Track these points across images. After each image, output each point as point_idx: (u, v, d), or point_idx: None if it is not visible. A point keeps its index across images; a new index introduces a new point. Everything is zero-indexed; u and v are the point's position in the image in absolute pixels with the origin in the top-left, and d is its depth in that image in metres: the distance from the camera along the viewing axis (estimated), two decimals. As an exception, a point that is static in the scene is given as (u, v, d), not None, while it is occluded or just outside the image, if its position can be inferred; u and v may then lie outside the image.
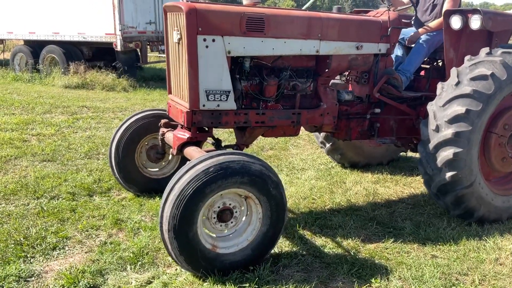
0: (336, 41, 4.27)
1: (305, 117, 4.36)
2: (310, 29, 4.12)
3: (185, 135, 4.07)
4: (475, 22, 4.34)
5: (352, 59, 4.47)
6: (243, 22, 3.81)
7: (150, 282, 3.39)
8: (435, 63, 5.31)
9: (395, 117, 4.96)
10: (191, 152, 3.90)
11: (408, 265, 3.71)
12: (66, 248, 3.85)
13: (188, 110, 3.85)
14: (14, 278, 3.34)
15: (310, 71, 4.43)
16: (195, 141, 4.10)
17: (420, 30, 5.07)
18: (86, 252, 3.80)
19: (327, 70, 4.38)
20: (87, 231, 4.15)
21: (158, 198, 4.85)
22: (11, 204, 4.66)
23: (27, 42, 14.79)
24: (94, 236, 4.09)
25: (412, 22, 5.35)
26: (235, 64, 4.04)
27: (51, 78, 13.30)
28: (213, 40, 3.73)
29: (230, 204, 3.46)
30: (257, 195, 3.42)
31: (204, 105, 3.84)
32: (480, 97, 4.03)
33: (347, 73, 4.99)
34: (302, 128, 4.65)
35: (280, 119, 4.25)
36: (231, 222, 3.50)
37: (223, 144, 4.44)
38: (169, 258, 3.63)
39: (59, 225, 4.22)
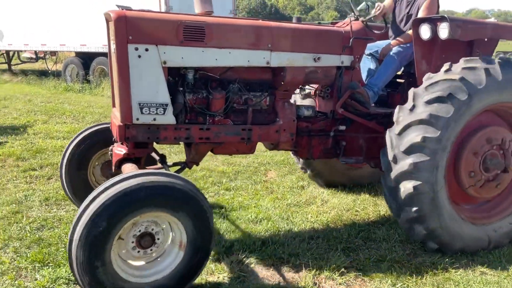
0: (289, 52, 3.96)
1: (257, 134, 4.04)
2: (259, 38, 3.83)
3: (122, 151, 3.82)
4: (443, 31, 3.95)
5: (310, 72, 4.14)
6: (180, 30, 3.55)
7: None
8: (410, 78, 4.91)
9: (364, 135, 4.56)
10: (125, 170, 3.63)
11: (456, 282, 3.60)
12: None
13: (121, 124, 3.59)
14: (64, 280, 3.47)
15: (265, 84, 4.12)
16: (134, 158, 3.84)
17: (393, 42, 4.70)
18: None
19: (282, 83, 4.07)
20: None
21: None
22: (62, 209, 4.89)
23: (78, 54, 15.36)
24: None
25: (389, 34, 5.00)
26: (178, 75, 3.78)
27: (101, 89, 13.77)
28: (146, 50, 3.49)
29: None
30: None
31: (138, 119, 3.58)
32: (437, 122, 3.63)
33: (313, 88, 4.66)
34: None
35: (227, 135, 3.94)
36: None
37: (171, 160, 4.17)
38: (212, 266, 3.71)
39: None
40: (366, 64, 4.88)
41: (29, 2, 15.48)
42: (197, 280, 3.41)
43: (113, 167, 3.89)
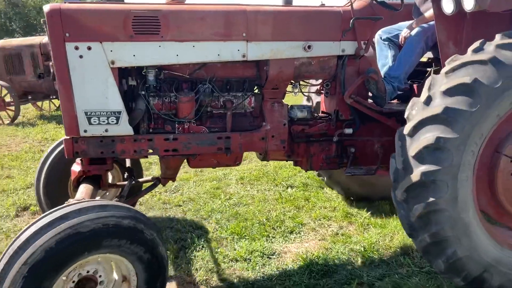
0: (271, 42, 3.23)
1: (238, 143, 3.35)
2: (230, 27, 3.14)
3: (77, 168, 3.30)
4: (468, 2, 3.01)
5: (302, 65, 3.38)
6: (128, 23, 2.96)
7: (381, 279, 3.40)
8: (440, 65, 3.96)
9: (380, 138, 3.70)
10: (77, 194, 3.09)
11: None
12: (302, 233, 4.21)
13: (67, 137, 3.06)
14: (258, 253, 3.77)
15: (248, 82, 3.43)
16: (94, 175, 3.31)
17: (414, 23, 3.78)
18: (319, 240, 4.07)
19: (267, 80, 3.35)
20: (320, 220, 4.49)
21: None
22: (254, 188, 5.44)
23: None
24: (326, 225, 4.37)
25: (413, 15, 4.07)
26: (140, 77, 3.20)
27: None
28: (89, 48, 2.93)
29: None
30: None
31: (86, 131, 3.04)
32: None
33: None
34: None
35: (200, 145, 3.29)
36: None
37: (144, 175, 3.59)
38: (401, 258, 3.71)
39: (295, 211, 4.69)
40: (384, 52, 3.99)
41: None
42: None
43: (72, 186, 3.37)
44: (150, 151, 3.21)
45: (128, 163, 3.99)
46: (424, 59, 3.98)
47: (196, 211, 4.73)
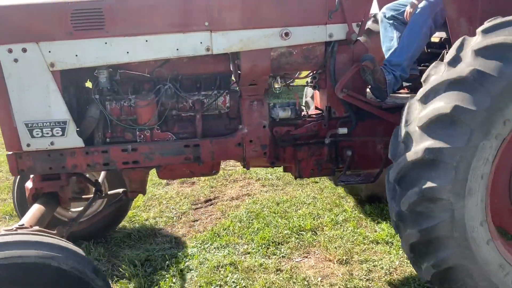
0: (240, 30, 2.72)
1: (209, 151, 2.87)
2: (189, 15, 2.66)
3: (31, 185, 2.94)
4: None
5: (280, 55, 2.84)
6: (66, 18, 2.54)
7: None
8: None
9: (384, 137, 3.11)
10: (27, 215, 2.72)
11: None
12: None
13: (9, 153, 2.70)
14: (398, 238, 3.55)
15: (220, 79, 2.94)
16: (48, 192, 2.94)
17: None
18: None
19: (240, 75, 2.85)
20: None
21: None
22: None
23: None
24: None
25: None
26: (93, 79, 2.79)
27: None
28: (24, 50, 2.54)
29: None
30: None
31: (29, 145, 2.67)
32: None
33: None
34: None
35: (164, 156, 2.85)
36: None
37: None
38: None
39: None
40: (388, 33, 3.40)
41: None
42: None
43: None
44: (107, 164, 2.80)
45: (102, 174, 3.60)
46: (435, 39, 3.34)
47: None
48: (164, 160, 2.85)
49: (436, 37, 3.30)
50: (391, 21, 3.36)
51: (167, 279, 3.26)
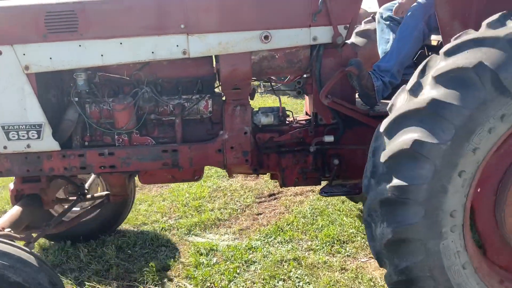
0: (218, 33, 2.62)
1: (187, 156, 2.80)
2: (165, 17, 2.58)
3: (12, 186, 2.95)
4: None
5: (262, 59, 2.73)
6: (40, 20, 2.52)
7: None
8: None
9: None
10: (5, 217, 2.74)
11: None
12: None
13: None
14: None
15: (202, 82, 2.86)
16: (29, 194, 2.94)
17: None
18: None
19: (220, 80, 2.76)
20: None
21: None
22: None
23: None
24: None
25: None
26: (72, 81, 2.76)
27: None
28: (-2, 53, 2.53)
29: None
30: None
31: (5, 147, 2.67)
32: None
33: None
34: None
35: (142, 161, 2.79)
36: None
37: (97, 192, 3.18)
38: None
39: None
40: (385, 35, 3.22)
41: None
42: None
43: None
44: (83, 168, 2.77)
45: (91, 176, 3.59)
46: (434, 42, 3.14)
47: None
48: (142, 165, 2.80)
49: (434, 40, 3.10)
50: (387, 22, 3.18)
51: (231, 270, 3.31)
